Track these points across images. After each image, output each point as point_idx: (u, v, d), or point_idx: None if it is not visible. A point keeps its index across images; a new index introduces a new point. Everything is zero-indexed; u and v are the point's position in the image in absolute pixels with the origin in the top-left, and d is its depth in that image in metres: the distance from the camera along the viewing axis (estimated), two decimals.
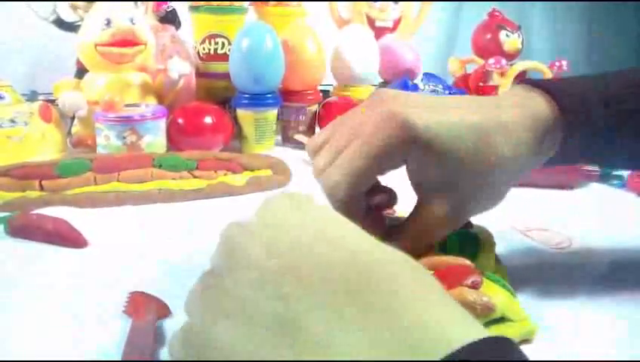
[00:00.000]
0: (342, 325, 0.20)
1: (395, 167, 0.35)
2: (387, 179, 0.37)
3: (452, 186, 0.34)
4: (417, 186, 0.36)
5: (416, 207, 0.36)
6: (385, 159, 0.33)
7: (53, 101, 0.73)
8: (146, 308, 0.35)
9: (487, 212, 0.37)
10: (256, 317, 0.21)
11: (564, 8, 1.53)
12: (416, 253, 0.35)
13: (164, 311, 0.35)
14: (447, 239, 0.38)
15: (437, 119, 0.33)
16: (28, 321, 0.34)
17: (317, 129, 0.82)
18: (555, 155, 0.36)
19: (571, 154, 0.36)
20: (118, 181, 0.56)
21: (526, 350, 0.31)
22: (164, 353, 0.31)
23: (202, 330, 0.23)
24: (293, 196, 0.27)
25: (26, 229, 0.47)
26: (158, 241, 0.47)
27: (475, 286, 0.32)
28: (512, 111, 0.34)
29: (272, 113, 0.77)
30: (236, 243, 0.25)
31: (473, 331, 0.20)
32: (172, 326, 0.34)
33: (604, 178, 0.65)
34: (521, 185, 0.62)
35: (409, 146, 0.33)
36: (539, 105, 0.35)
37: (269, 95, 0.75)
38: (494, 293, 0.32)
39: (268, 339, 0.21)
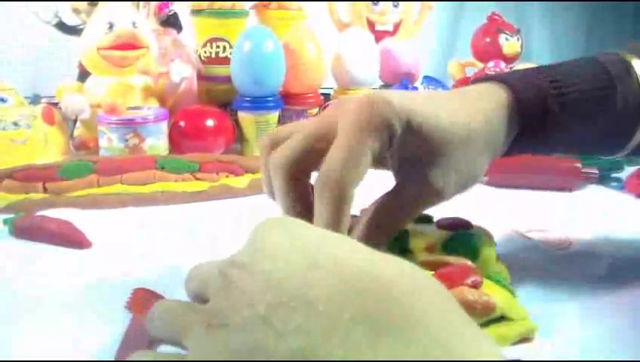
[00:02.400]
0: (355, 348, 0.19)
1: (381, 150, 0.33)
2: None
3: (431, 156, 0.34)
4: (397, 164, 0.35)
5: (394, 186, 0.36)
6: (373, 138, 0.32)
7: (55, 104, 0.74)
8: (147, 303, 0.35)
9: (484, 214, 0.37)
10: (272, 355, 0.20)
11: (563, 11, 1.54)
12: (387, 235, 0.35)
13: None
14: (448, 240, 0.38)
15: (409, 97, 0.34)
16: (32, 320, 0.35)
17: None
18: (517, 139, 0.38)
19: (528, 136, 0.38)
20: (121, 183, 0.57)
21: (526, 349, 0.32)
22: (161, 346, 0.31)
23: None
24: (280, 222, 0.26)
25: (31, 230, 0.47)
26: (161, 242, 0.47)
27: (475, 286, 0.32)
28: (476, 93, 0.37)
29: (273, 116, 0.77)
30: (232, 279, 0.23)
31: (488, 355, 0.20)
32: None
33: (602, 180, 0.65)
34: (522, 187, 0.63)
35: (387, 126, 0.32)
36: (497, 90, 0.37)
37: (270, 98, 0.76)
38: (494, 293, 0.33)
39: None
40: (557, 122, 0.37)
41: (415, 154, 0.34)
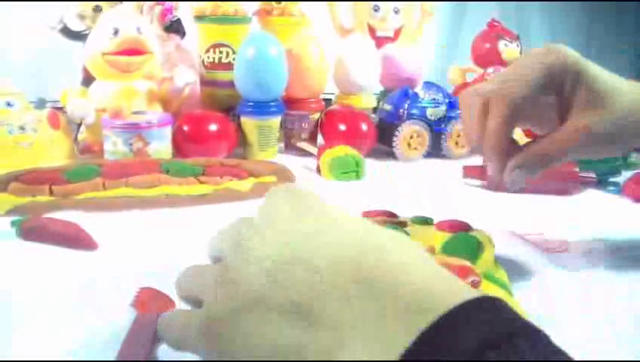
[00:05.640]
0: (349, 304, 0.22)
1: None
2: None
3: (603, 104, 0.40)
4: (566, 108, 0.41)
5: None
6: (551, 77, 0.41)
7: (60, 108, 0.75)
8: (151, 302, 0.36)
9: (484, 217, 0.38)
10: (273, 306, 0.23)
11: (563, 12, 1.55)
12: (543, 164, 0.41)
13: (170, 305, 0.36)
14: (448, 241, 0.39)
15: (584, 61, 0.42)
16: (36, 321, 0.36)
17: (319, 137, 0.83)
18: None
19: None
20: (126, 186, 0.57)
21: None
22: (164, 346, 0.32)
23: (226, 322, 0.24)
24: (292, 191, 0.29)
25: (38, 232, 0.48)
26: (166, 245, 0.48)
27: (474, 286, 0.33)
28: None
29: (276, 121, 0.78)
30: (245, 238, 0.26)
31: (465, 293, 0.21)
32: None
33: (600, 184, 0.66)
34: (521, 190, 0.63)
35: (567, 70, 0.41)
36: None
37: (273, 103, 0.77)
38: (493, 292, 0.34)
39: (287, 325, 0.22)
40: None
41: (577, 104, 0.41)
